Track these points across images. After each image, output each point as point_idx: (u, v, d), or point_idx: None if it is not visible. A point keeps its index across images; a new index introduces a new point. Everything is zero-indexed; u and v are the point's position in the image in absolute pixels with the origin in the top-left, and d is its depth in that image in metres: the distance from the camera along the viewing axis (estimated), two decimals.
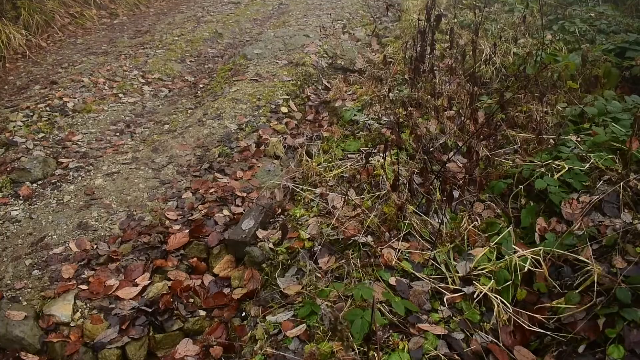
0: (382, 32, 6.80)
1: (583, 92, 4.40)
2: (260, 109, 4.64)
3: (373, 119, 4.02)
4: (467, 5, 7.69)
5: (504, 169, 3.34)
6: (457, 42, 5.48)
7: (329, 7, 8.10)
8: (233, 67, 5.70)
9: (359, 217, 2.83)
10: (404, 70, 4.79)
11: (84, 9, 7.77)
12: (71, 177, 3.92)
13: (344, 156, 3.64)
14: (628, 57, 4.91)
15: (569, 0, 7.86)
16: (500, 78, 4.85)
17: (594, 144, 3.37)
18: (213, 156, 4.02)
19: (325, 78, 5.39)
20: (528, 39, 5.77)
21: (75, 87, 5.18)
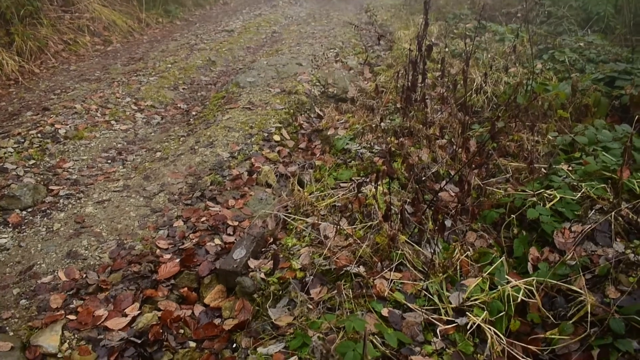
0: (375, 60, 6.86)
1: (574, 121, 4.43)
2: (253, 137, 4.65)
3: (365, 148, 4.02)
4: (458, 35, 7.79)
5: (496, 198, 3.34)
6: (448, 71, 5.54)
7: (322, 35, 8.18)
8: (226, 94, 5.72)
9: (351, 247, 2.81)
10: (396, 99, 4.82)
11: (77, 35, 7.80)
12: (61, 205, 3.89)
13: (336, 185, 3.63)
14: (617, 86, 4.96)
15: (559, 30, 7.98)
16: (492, 107, 4.89)
17: (585, 173, 3.38)
18: (205, 184, 4.01)
19: (318, 106, 5.41)
20: (519, 68, 5.84)
21: (68, 114, 5.17)
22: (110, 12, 8.52)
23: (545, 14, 8.79)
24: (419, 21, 7.84)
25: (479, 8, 9.36)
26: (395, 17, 9.66)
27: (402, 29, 8.22)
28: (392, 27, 8.97)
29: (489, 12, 9.34)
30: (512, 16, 9.16)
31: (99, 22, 8.26)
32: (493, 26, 7.99)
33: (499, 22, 8.58)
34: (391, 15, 9.91)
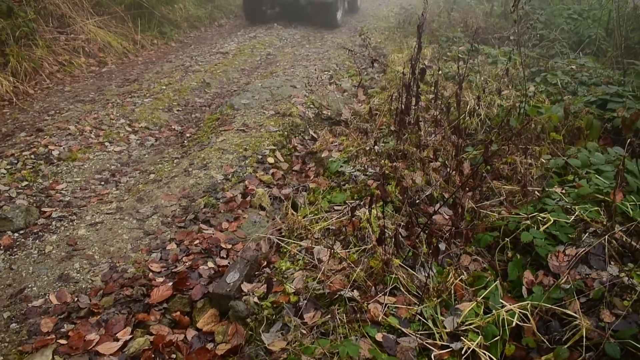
0: (368, 82, 6.90)
1: (567, 144, 4.45)
2: (247, 159, 4.65)
3: (359, 171, 4.03)
4: (452, 57, 7.86)
5: (490, 221, 3.34)
6: (442, 94, 5.57)
7: (316, 58, 8.23)
8: (220, 116, 5.73)
9: (345, 270, 2.80)
10: (390, 121, 4.84)
11: (72, 56, 7.82)
12: (54, 227, 3.86)
13: (330, 208, 3.63)
14: (609, 108, 5.00)
15: (551, 53, 8.06)
16: (485, 129, 4.91)
17: (578, 196, 3.39)
18: (198, 207, 3.99)
19: (312, 128, 5.43)
20: (512, 90, 5.89)
21: (61, 135, 5.17)
22: (105, 34, 8.56)
23: (538, 37, 8.89)
24: (412, 44, 7.92)
25: (471, 31, 9.46)
26: (389, 40, 9.74)
27: (395, 52, 8.29)
28: (385, 49, 9.05)
29: (481, 35, 9.44)
30: (504, 39, 9.26)
31: (94, 43, 8.29)
32: (486, 49, 8.06)
33: (492, 45, 8.67)
34: (385, 38, 10.00)
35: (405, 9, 14.43)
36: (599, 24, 8.72)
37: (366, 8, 14.28)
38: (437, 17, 10.91)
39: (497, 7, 11.45)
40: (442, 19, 10.74)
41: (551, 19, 9.59)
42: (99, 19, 8.72)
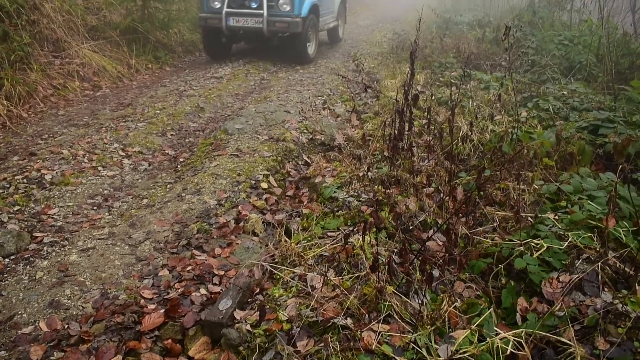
0: (362, 108, 6.95)
1: (559, 169, 4.48)
2: (240, 184, 4.65)
3: (353, 196, 4.03)
4: (444, 83, 7.93)
5: (484, 247, 3.34)
6: (435, 119, 5.61)
7: (310, 83, 8.28)
8: (214, 141, 5.74)
9: (338, 298, 2.78)
10: (383, 147, 4.86)
11: (67, 80, 7.84)
12: (45, 253, 3.83)
13: (324, 234, 3.62)
14: (601, 134, 5.05)
15: (542, 78, 8.15)
16: (478, 155, 4.94)
17: (571, 222, 3.40)
18: (191, 232, 3.98)
19: (306, 154, 5.44)
20: (504, 115, 5.93)
21: (54, 159, 5.15)
22: (100, 58, 8.60)
23: (529, 63, 9.00)
24: (405, 70, 7.99)
25: (464, 57, 9.57)
26: (382, 65, 9.83)
27: (388, 78, 8.36)
28: (379, 74, 9.13)
29: (474, 60, 9.54)
30: (496, 65, 9.36)
31: (89, 67, 8.32)
32: (478, 74, 8.14)
33: (484, 71, 8.76)
34: (378, 63, 10.08)
35: (398, 34, 14.59)
36: (590, 50, 8.84)
37: (359, 34, 14.40)
38: (430, 43, 11.03)
39: (488, 33, 11.60)
40: (435, 44, 10.86)
41: (542, 45, 9.72)
42: (94, 43, 8.77)
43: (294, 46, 9.66)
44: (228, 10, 9.08)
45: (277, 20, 9.01)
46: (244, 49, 11.43)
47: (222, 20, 9.08)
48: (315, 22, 9.99)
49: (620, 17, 14.44)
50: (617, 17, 14.19)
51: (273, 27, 9.05)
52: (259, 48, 11.01)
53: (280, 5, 9.04)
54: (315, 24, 10.08)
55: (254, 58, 10.31)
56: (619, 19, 14.25)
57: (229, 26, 9.17)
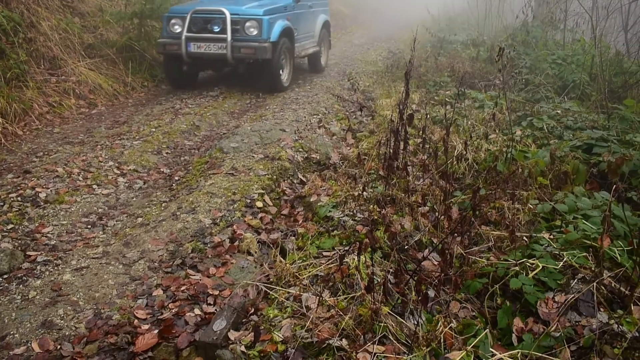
0: (357, 126, 6.97)
1: (554, 188, 4.50)
2: (235, 203, 4.64)
3: (348, 216, 4.03)
4: (439, 101, 7.98)
5: (479, 267, 3.34)
6: (430, 138, 5.63)
7: (305, 101, 8.31)
8: (209, 160, 5.74)
9: (333, 318, 2.77)
10: (378, 166, 4.87)
11: (62, 98, 7.84)
12: (38, 272, 3.80)
13: (319, 254, 3.61)
14: (595, 153, 5.08)
15: (536, 97, 8.21)
16: (473, 174, 4.95)
17: (566, 241, 3.41)
18: (186, 252, 3.96)
19: (301, 172, 5.45)
20: (499, 134, 5.96)
21: (49, 177, 5.14)
22: (96, 76, 8.62)
23: (523, 82, 9.07)
24: (400, 89, 8.03)
25: (458, 75, 9.65)
26: (378, 84, 9.88)
27: (383, 96, 8.39)
28: (374, 93, 9.17)
29: (468, 79, 9.62)
30: (491, 83, 9.43)
31: (85, 85, 8.34)
32: (473, 93, 8.20)
33: (479, 90, 8.81)
34: (373, 82, 10.14)
35: (393, 53, 14.70)
36: (583, 68, 8.93)
37: (354, 52, 14.49)
38: (425, 62, 11.11)
39: (483, 52, 11.70)
40: (430, 63, 10.94)
41: (536, 64, 9.80)
42: (90, 61, 8.79)
43: (264, 74, 8.67)
44: (188, 35, 8.14)
45: (242, 45, 8.06)
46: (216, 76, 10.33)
47: (182, 46, 8.13)
48: (289, 47, 9.03)
49: (613, 36, 14.60)
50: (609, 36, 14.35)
51: (238, 53, 8.10)
52: (229, 75, 9.94)
53: (246, 28, 8.15)
54: (290, 49, 9.09)
55: (225, 86, 9.44)
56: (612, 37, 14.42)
57: (189, 52, 8.22)
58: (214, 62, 8.78)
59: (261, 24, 8.10)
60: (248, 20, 8.14)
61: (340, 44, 16.35)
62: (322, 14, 11.24)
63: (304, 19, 9.99)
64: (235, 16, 8.12)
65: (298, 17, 9.57)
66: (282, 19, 8.72)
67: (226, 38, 8.02)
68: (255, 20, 8.13)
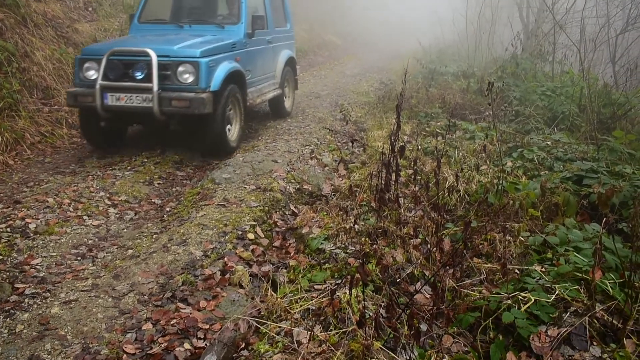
0: (349, 157, 7.00)
1: (545, 220, 4.51)
2: (227, 235, 4.62)
3: (339, 248, 4.03)
4: (430, 132, 8.04)
5: (471, 300, 3.32)
6: (421, 169, 5.66)
7: (298, 132, 8.35)
8: (201, 190, 5.73)
9: (325, 354, 2.74)
10: (370, 198, 4.88)
11: (55, 127, 7.85)
12: (26, 305, 3.75)
13: (310, 287, 3.59)
14: (585, 184, 5.11)
15: (526, 128, 8.30)
16: (465, 206, 4.97)
17: (558, 274, 3.41)
18: (176, 284, 3.93)
19: (293, 203, 5.45)
20: (490, 165, 6.00)
21: (39, 208, 5.11)
22: None
23: (513, 113, 9.18)
24: (392, 120, 8.09)
25: (449, 107, 9.75)
26: (369, 115, 9.95)
27: (375, 128, 8.45)
28: (366, 124, 9.23)
29: (459, 110, 9.72)
30: (481, 114, 9.53)
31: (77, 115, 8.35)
32: (464, 124, 8.28)
33: (469, 121, 8.90)
34: (365, 113, 10.21)
35: (384, 83, 14.84)
36: (572, 100, 9.05)
37: (347, 83, 14.61)
38: (416, 93, 11.23)
39: (473, 83, 11.85)
40: (421, 94, 11.05)
41: (526, 95, 9.93)
42: None
43: (204, 132, 6.75)
44: (104, 84, 6.34)
45: (174, 97, 6.26)
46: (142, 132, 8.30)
47: (97, 97, 6.31)
48: (238, 95, 7.20)
49: (601, 68, 14.84)
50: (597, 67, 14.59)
51: (168, 106, 6.27)
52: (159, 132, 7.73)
53: (179, 74, 6.38)
54: (239, 98, 7.26)
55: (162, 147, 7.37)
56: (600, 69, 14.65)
57: (106, 106, 6.39)
58: (138, 118, 7.00)
59: (198, 68, 6.33)
60: (181, 63, 6.37)
61: (332, 74, 16.52)
62: (286, 49, 9.59)
63: (260, 58, 8.30)
64: (165, 59, 6.34)
65: (252, 56, 7.89)
66: (229, 60, 6.98)
67: (152, 87, 6.20)
68: (190, 63, 6.35)
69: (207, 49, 6.58)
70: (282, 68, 9.23)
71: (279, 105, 9.46)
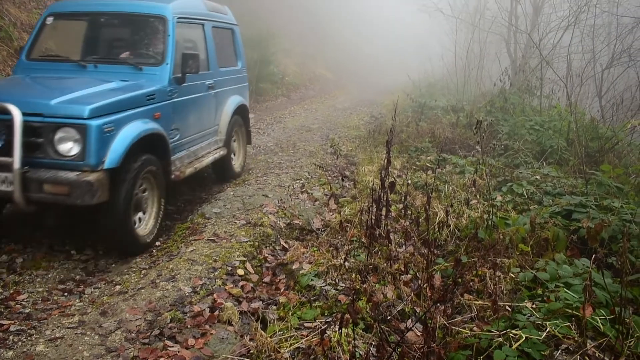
0: (340, 191, 7.01)
1: (535, 255, 4.52)
2: (216, 270, 4.58)
3: (330, 285, 4.00)
4: (421, 167, 8.09)
5: (462, 337, 3.30)
6: (412, 204, 5.68)
7: (289, 165, 8.38)
8: (191, 225, 5.70)
9: None
10: (361, 233, 4.87)
11: None
12: (11, 342, 3.68)
13: (300, 325, 3.55)
14: (574, 219, 5.14)
15: (515, 162, 8.38)
16: (455, 241, 4.98)
17: (549, 311, 3.40)
18: (164, 321, 3.87)
19: (283, 238, 5.42)
20: (480, 199, 6.03)
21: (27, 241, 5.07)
22: None
23: (502, 147, 9.26)
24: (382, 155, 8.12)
25: (439, 141, 9.84)
26: (360, 149, 10.00)
27: (366, 162, 8.48)
28: (356, 157, 9.27)
29: (449, 145, 9.81)
30: (471, 149, 9.62)
31: None
32: (453, 158, 8.34)
33: (459, 155, 8.97)
34: (356, 146, 10.27)
35: (375, 117, 14.98)
36: (560, 134, 9.16)
37: (337, 117, 14.73)
38: (406, 127, 11.32)
39: (462, 118, 11.97)
40: (411, 129, 11.15)
41: (514, 129, 10.04)
42: None
43: (99, 226, 4.84)
44: None
45: (46, 178, 4.32)
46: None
47: None
48: (156, 169, 5.12)
49: (588, 102, 15.06)
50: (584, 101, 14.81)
51: (38, 192, 4.34)
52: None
53: (56, 143, 4.38)
54: (156, 173, 5.15)
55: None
56: (587, 103, 14.87)
57: None
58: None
59: (85, 134, 4.31)
60: (59, 127, 4.34)
61: (323, 107, 16.67)
62: (235, 95, 7.43)
63: (195, 110, 6.21)
64: (36, 119, 4.34)
65: (182, 110, 5.76)
66: (142, 119, 4.90)
67: (11, 163, 4.24)
68: (72, 127, 4.34)
69: (101, 105, 4.47)
70: (228, 120, 7.13)
71: (224, 166, 7.33)
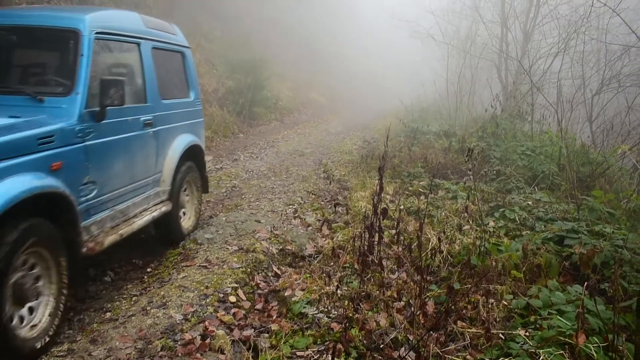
0: (332, 216, 7.00)
1: (527, 282, 4.52)
2: (208, 297, 4.54)
3: (322, 312, 3.97)
4: (413, 192, 8.10)
5: None
6: (404, 229, 5.67)
7: (281, 190, 8.38)
8: (183, 251, 5.66)
9: None
10: (353, 260, 4.86)
11: None
12: None
13: (292, 354, 3.52)
14: (567, 244, 5.15)
15: (508, 187, 8.41)
16: (447, 267, 4.97)
17: (542, 339, 3.39)
18: (155, 350, 3.82)
19: (276, 264, 5.39)
20: (472, 225, 6.03)
21: None
22: None
23: (495, 172, 9.31)
24: (375, 180, 8.14)
25: (432, 166, 9.87)
26: (353, 174, 10.00)
27: (359, 187, 8.48)
28: (349, 182, 9.27)
29: (441, 170, 9.84)
30: (463, 174, 9.65)
31: None
32: (446, 184, 8.37)
33: (451, 180, 9.00)
34: (349, 171, 10.27)
35: (368, 142, 15.04)
36: (551, 159, 9.22)
37: (330, 141, 14.78)
38: (399, 152, 11.36)
39: (454, 143, 12.03)
40: (404, 154, 11.18)
41: (506, 155, 10.10)
42: None
43: None
44: None
45: None
46: None
47: None
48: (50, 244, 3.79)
49: (578, 127, 15.20)
50: (575, 126, 14.94)
51: None
52: None
53: None
54: (53, 249, 3.85)
55: None
56: (577, 128, 15.00)
57: None
58: None
59: None
60: None
61: (316, 132, 16.74)
62: (185, 133, 5.86)
63: (124, 155, 4.75)
64: None
65: (101, 155, 4.36)
66: (32, 172, 3.51)
67: None
68: None
69: None
70: (174, 166, 5.53)
71: (170, 225, 5.73)
